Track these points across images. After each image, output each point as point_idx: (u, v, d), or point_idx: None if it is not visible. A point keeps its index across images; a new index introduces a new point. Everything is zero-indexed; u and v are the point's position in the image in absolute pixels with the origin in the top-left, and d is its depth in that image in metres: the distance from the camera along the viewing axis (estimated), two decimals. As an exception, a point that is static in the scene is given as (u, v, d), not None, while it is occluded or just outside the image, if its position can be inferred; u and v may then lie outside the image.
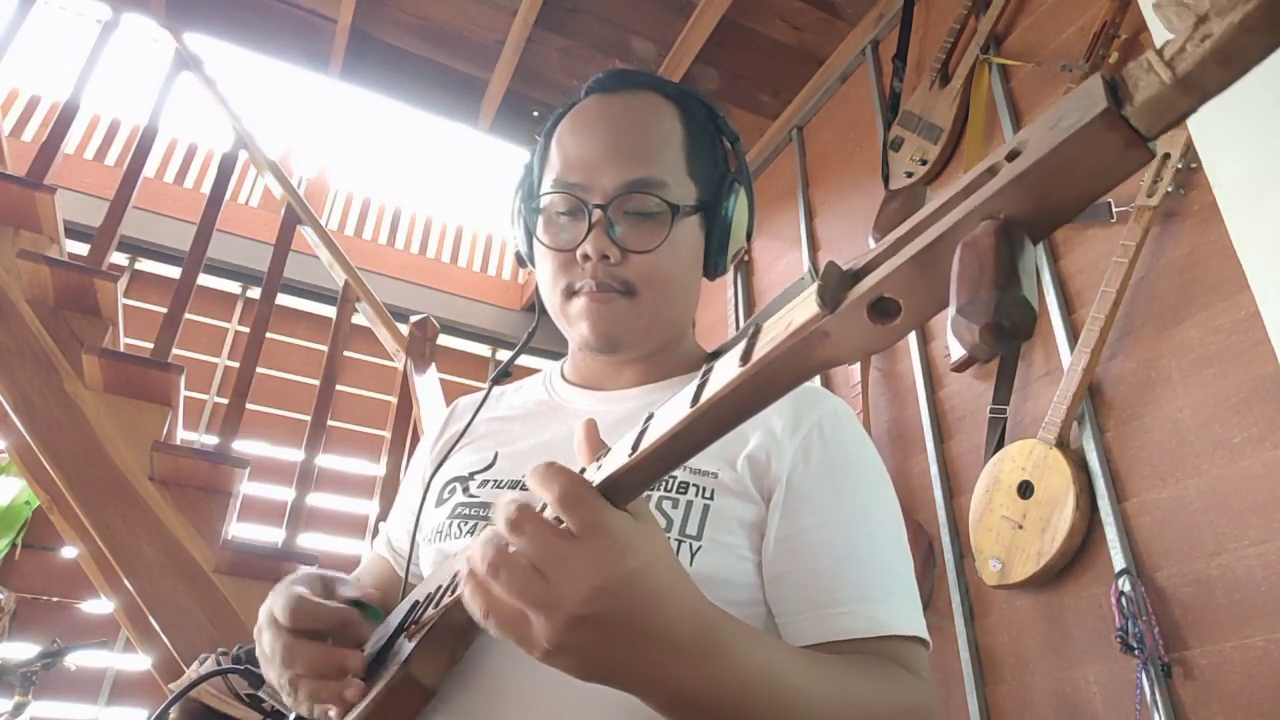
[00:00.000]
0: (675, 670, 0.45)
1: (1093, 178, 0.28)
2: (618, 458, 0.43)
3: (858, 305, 0.32)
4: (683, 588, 0.46)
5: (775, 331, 0.36)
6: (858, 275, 0.33)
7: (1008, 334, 0.28)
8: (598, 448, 0.48)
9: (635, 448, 0.42)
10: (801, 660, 0.54)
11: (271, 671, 0.61)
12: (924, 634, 0.63)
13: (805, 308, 0.34)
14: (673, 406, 0.41)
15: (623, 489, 0.44)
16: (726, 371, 0.38)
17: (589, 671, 0.44)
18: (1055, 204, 0.29)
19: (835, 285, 0.33)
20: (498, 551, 0.43)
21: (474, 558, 0.44)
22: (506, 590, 0.43)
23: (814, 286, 0.34)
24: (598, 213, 0.71)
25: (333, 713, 0.58)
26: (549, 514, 0.44)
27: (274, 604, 0.62)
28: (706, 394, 0.39)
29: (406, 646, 0.57)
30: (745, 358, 0.37)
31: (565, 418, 0.78)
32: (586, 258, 0.71)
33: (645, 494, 0.64)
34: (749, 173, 0.81)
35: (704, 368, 0.41)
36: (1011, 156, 0.29)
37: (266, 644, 0.62)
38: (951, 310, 0.29)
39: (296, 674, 0.59)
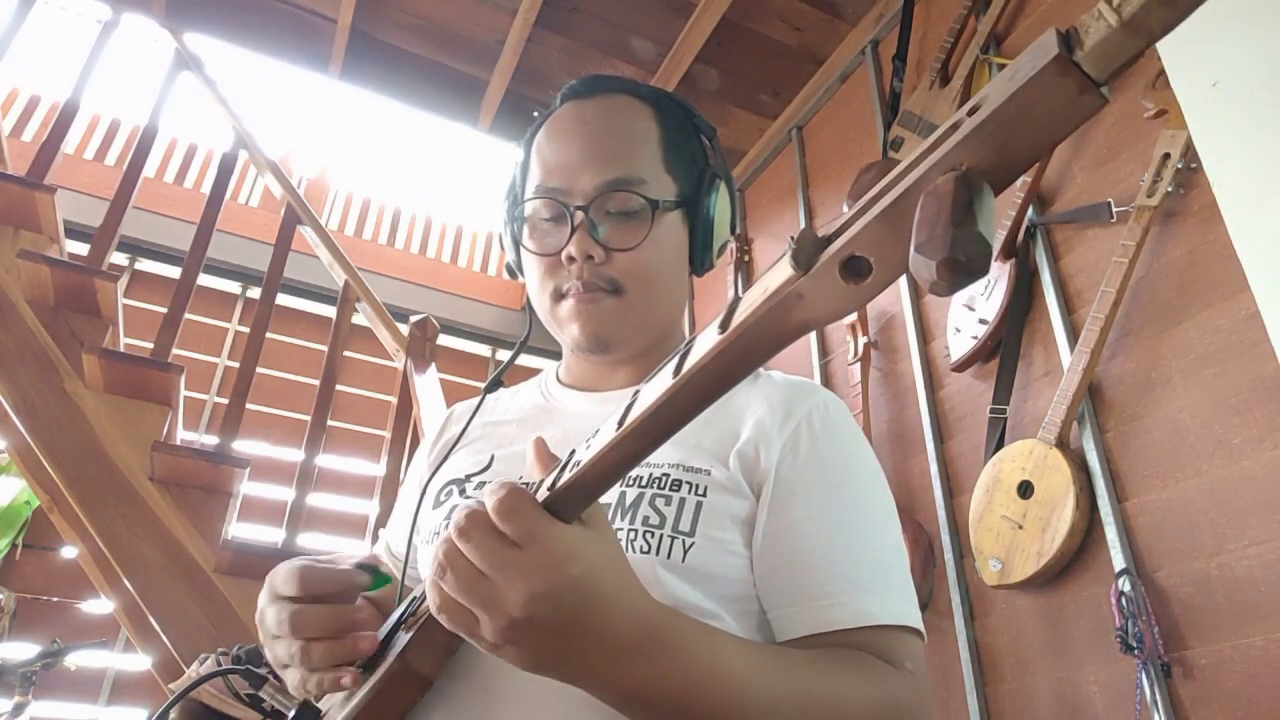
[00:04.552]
0: (618, 669, 0.48)
1: (1049, 124, 0.29)
2: (604, 437, 0.44)
3: (830, 265, 0.33)
4: (627, 591, 0.49)
5: (752, 297, 0.37)
6: (830, 238, 0.34)
7: (964, 269, 0.28)
8: (548, 462, 0.51)
9: (621, 423, 0.43)
10: (759, 657, 0.55)
11: (280, 646, 0.60)
12: (915, 624, 0.63)
13: (780, 272, 0.35)
14: (657, 381, 0.42)
15: (589, 484, 0.46)
16: (707, 340, 0.39)
17: (533, 666, 0.48)
18: (1014, 153, 0.30)
19: (809, 248, 0.34)
20: (450, 552, 0.46)
21: (434, 556, 0.48)
22: (453, 589, 0.46)
23: (789, 250, 0.35)
24: (579, 214, 0.72)
25: (345, 680, 0.58)
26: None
27: (276, 581, 0.62)
28: (688, 364, 0.39)
29: (404, 638, 0.57)
30: (724, 325, 0.38)
31: (560, 420, 0.78)
32: (571, 259, 0.72)
33: (638, 493, 0.65)
34: (728, 166, 0.82)
35: (686, 340, 0.41)
36: (973, 111, 0.30)
37: (272, 619, 0.61)
38: (911, 250, 0.30)
39: (309, 640, 0.59)
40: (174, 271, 2.87)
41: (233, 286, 3.69)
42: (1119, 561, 1.50)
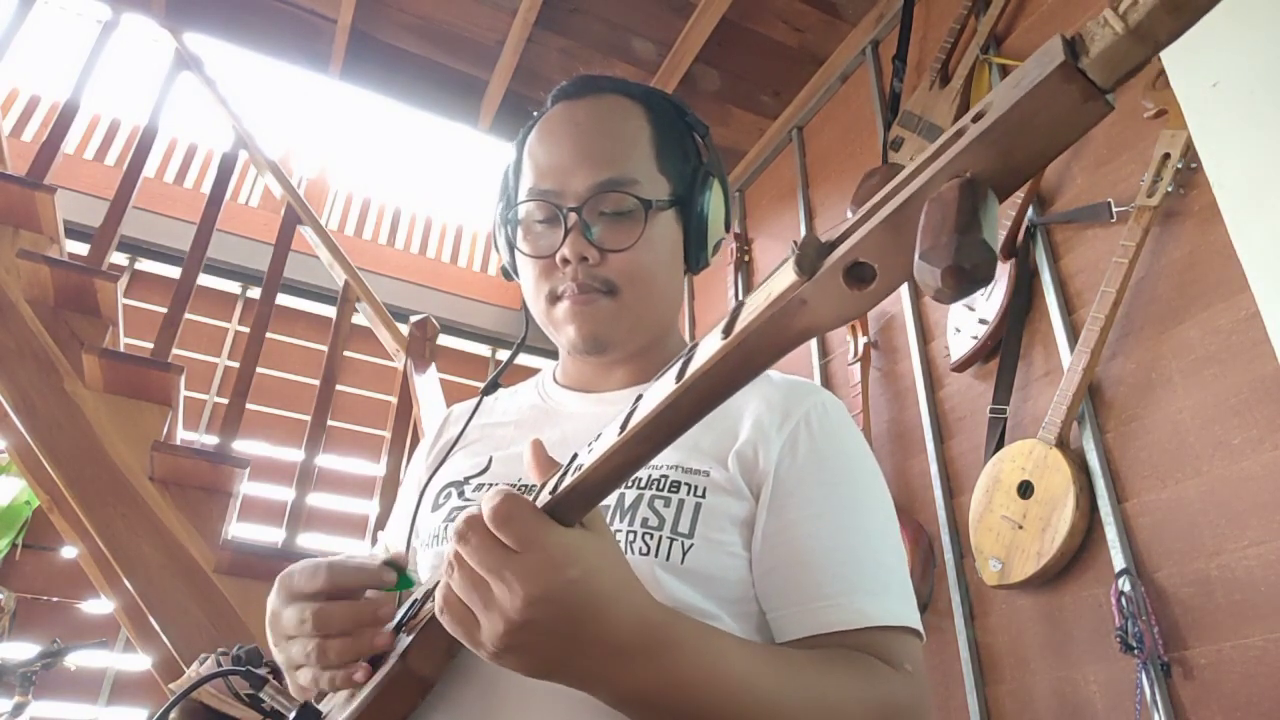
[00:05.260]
0: (618, 670, 0.49)
1: (1054, 132, 0.29)
2: (606, 441, 0.44)
3: (834, 271, 0.33)
4: (628, 593, 0.49)
5: (756, 302, 0.37)
6: (834, 244, 0.34)
7: (969, 276, 0.28)
8: (545, 465, 0.51)
9: (624, 427, 0.43)
10: (759, 657, 0.55)
11: (296, 646, 0.59)
12: (914, 624, 0.63)
13: (784, 277, 0.35)
14: (659, 386, 0.42)
15: (591, 487, 0.46)
16: (710, 345, 0.39)
17: (534, 670, 0.48)
18: (1019, 160, 0.30)
19: (813, 254, 0.34)
20: (455, 553, 0.47)
21: (443, 555, 0.49)
22: (458, 587, 0.47)
23: (792, 256, 0.34)
24: (572, 216, 0.71)
25: (358, 676, 0.57)
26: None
27: (294, 581, 0.60)
28: (691, 369, 0.39)
29: (404, 640, 0.57)
30: (727, 330, 0.38)
31: (558, 421, 0.78)
32: (566, 261, 0.72)
33: (637, 494, 0.64)
34: (721, 163, 0.82)
35: (686, 341, 0.41)
36: (978, 117, 0.30)
37: (291, 619, 0.59)
38: (916, 257, 0.29)
39: (327, 637, 0.57)
40: (174, 271, 2.87)
41: (233, 286, 3.69)
42: (1119, 561, 1.50)
